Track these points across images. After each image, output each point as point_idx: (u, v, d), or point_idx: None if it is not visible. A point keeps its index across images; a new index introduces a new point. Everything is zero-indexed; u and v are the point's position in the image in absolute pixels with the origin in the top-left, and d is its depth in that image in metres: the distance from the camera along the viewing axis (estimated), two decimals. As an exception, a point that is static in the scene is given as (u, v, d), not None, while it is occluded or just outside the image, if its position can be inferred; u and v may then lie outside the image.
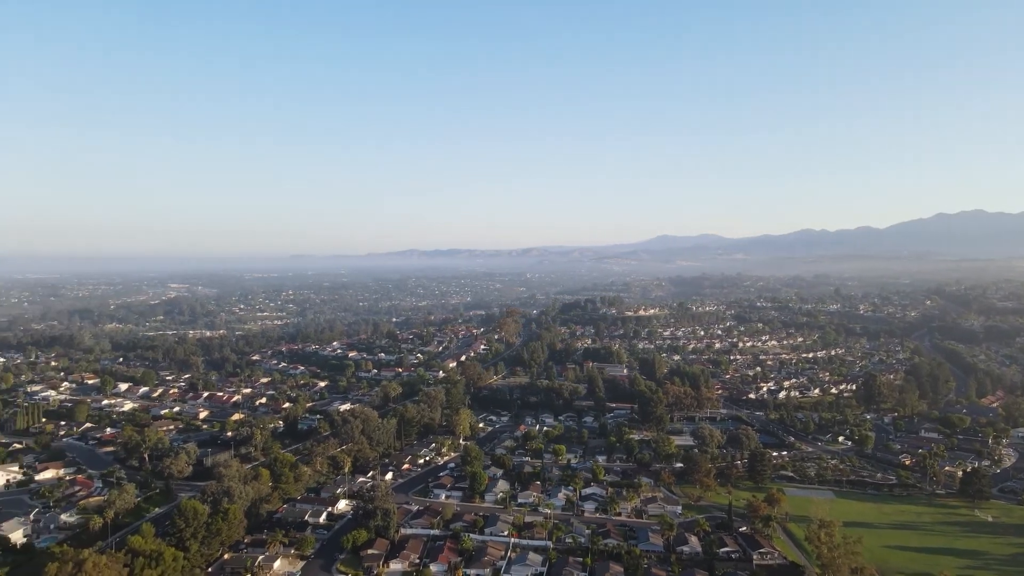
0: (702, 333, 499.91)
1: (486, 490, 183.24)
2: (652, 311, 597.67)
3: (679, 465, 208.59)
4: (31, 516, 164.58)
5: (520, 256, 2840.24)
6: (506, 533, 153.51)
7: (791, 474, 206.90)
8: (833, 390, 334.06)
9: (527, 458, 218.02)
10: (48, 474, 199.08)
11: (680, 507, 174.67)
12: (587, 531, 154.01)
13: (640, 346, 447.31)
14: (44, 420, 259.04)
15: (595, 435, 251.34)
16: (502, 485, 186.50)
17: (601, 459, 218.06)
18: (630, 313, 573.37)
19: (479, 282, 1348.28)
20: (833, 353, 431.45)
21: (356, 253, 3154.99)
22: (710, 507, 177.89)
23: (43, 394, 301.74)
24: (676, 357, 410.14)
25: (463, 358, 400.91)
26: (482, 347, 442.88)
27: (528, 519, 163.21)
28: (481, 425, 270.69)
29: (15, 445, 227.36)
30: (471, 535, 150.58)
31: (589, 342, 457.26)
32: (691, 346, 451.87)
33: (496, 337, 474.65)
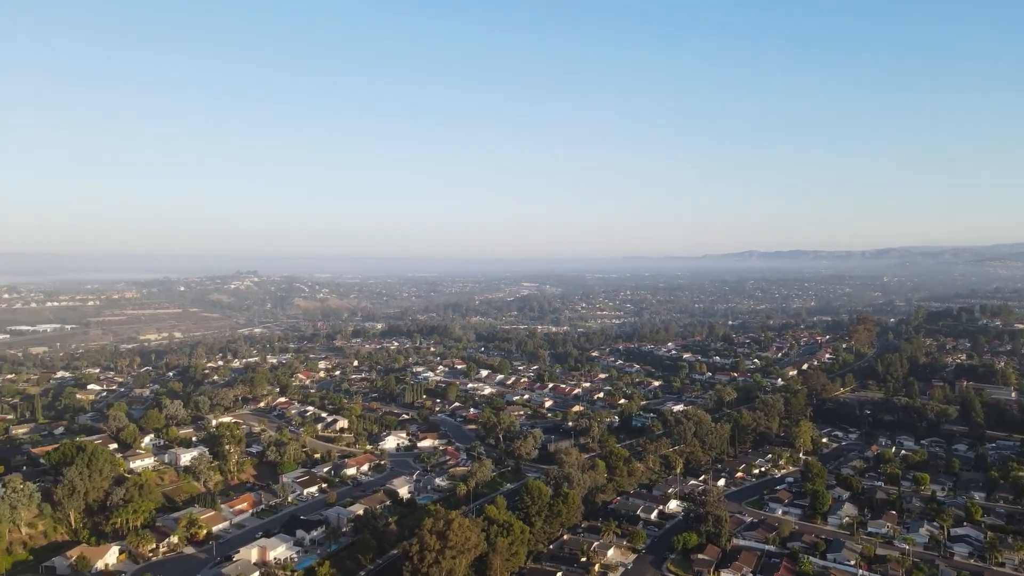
0: None
1: (829, 512, 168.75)
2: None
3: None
4: (414, 476, 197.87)
5: (875, 258, 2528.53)
6: (852, 563, 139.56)
7: None
8: None
9: (880, 483, 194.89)
10: (427, 442, 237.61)
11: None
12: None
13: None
14: (424, 397, 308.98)
15: (969, 467, 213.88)
16: (848, 509, 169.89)
17: (978, 496, 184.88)
18: (1021, 326, 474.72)
19: (825, 285, 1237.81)
20: None
21: (692, 254, 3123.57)
22: None
23: (424, 375, 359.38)
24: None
25: (805, 366, 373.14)
26: (827, 356, 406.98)
27: (880, 551, 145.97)
28: (824, 440, 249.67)
29: (403, 416, 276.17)
30: (811, 558, 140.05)
31: (963, 357, 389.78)
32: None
33: (844, 346, 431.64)
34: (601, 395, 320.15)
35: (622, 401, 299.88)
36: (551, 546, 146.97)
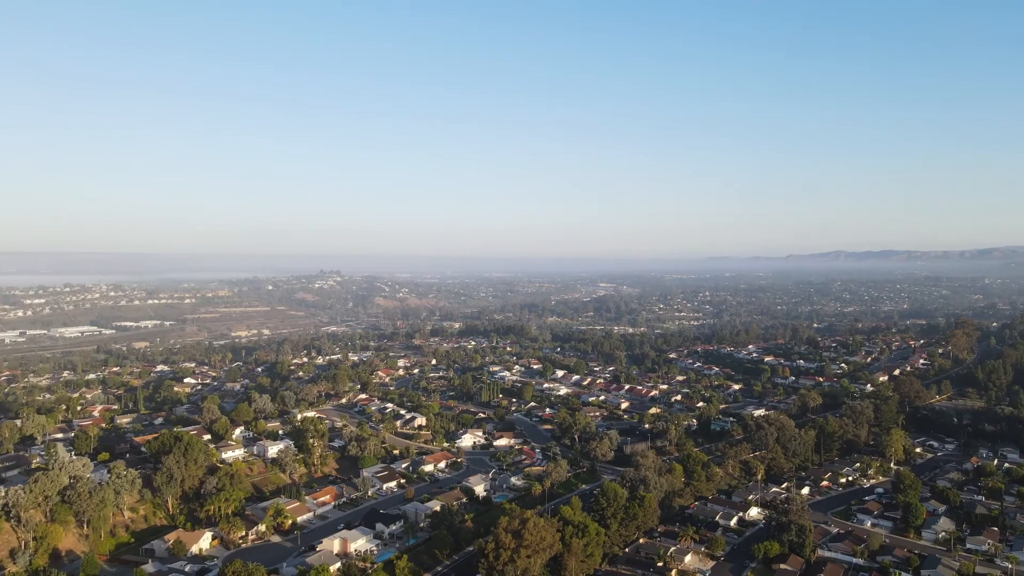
0: None
1: (923, 526, 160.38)
2: None
3: None
4: (490, 475, 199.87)
5: (975, 258, 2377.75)
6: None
7: None
8: None
9: (980, 497, 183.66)
10: (502, 441, 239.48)
11: None
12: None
13: None
14: (501, 396, 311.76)
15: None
16: (944, 523, 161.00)
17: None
18: None
19: (919, 287, 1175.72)
20: None
21: (776, 255, 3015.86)
22: None
23: (500, 374, 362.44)
24: None
25: (897, 372, 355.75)
26: (921, 361, 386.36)
27: (979, 570, 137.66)
28: (918, 450, 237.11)
29: (480, 414, 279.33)
30: (903, 573, 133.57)
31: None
32: None
33: (941, 351, 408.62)
34: (679, 397, 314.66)
35: (700, 404, 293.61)
36: (626, 549, 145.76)
